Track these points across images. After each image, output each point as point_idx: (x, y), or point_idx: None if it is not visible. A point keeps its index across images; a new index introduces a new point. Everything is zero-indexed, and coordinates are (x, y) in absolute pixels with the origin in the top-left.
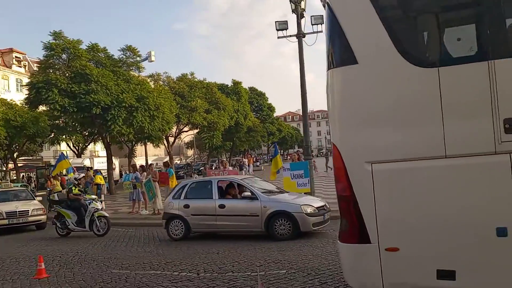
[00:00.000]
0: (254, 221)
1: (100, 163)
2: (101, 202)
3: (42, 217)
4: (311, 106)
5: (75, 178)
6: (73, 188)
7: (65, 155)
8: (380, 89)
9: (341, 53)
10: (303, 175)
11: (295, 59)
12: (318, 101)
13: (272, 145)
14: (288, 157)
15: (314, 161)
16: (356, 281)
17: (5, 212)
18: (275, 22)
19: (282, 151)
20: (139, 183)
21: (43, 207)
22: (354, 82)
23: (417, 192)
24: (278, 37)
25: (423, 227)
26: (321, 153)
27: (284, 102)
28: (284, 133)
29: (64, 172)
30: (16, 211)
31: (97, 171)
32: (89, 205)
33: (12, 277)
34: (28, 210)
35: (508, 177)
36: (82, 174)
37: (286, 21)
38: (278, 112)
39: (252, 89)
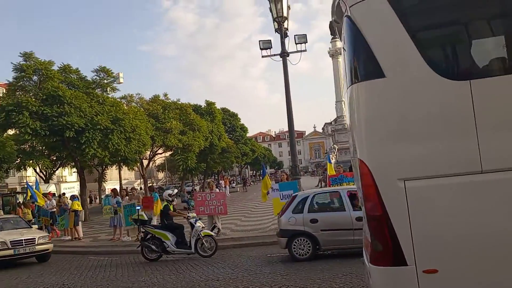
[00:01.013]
0: None
1: (67, 189)
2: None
3: (49, 245)
4: (281, 127)
5: (169, 195)
6: (169, 205)
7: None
8: (409, 102)
9: (366, 67)
10: (292, 195)
11: (261, 79)
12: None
13: (245, 165)
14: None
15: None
16: None
17: (10, 241)
18: (259, 41)
19: (254, 171)
20: (121, 208)
21: (48, 234)
22: (382, 96)
23: (454, 210)
24: (262, 56)
25: (462, 246)
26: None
27: (253, 123)
28: (257, 154)
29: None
30: (22, 240)
31: (74, 197)
32: (195, 223)
33: None
34: (35, 238)
35: None
36: (175, 190)
37: (270, 40)
38: (248, 133)
39: (224, 110)
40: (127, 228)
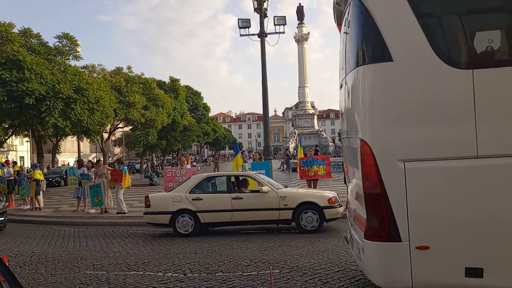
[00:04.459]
0: None
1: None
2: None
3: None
4: (242, 108)
5: None
6: None
7: None
8: (414, 87)
9: (374, 50)
10: (264, 174)
11: (224, 59)
12: (248, 104)
13: (205, 145)
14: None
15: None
16: (384, 279)
17: None
18: (238, 19)
19: (213, 151)
20: (86, 180)
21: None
22: (388, 79)
23: (449, 191)
24: (241, 35)
25: (453, 225)
26: (250, 156)
27: (213, 103)
28: (218, 134)
29: None
30: None
31: (35, 166)
32: None
33: None
34: None
35: None
36: None
37: (249, 19)
38: (210, 113)
39: (188, 88)
40: (90, 208)
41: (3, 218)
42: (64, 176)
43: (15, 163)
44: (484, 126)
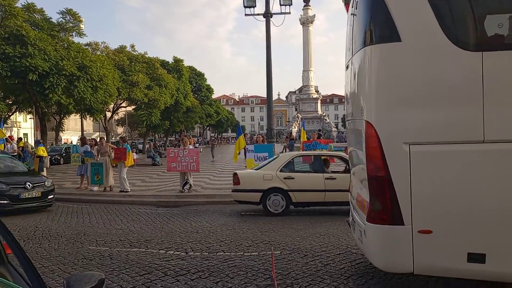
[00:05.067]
0: None
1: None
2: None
3: None
4: (245, 91)
5: None
6: None
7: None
8: (422, 68)
9: (383, 30)
10: (267, 157)
11: (228, 41)
12: (251, 87)
13: (208, 127)
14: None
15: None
16: (385, 262)
17: None
18: None
19: (216, 134)
20: (89, 157)
21: None
22: (396, 60)
23: (454, 176)
24: (246, 15)
25: (457, 210)
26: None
27: (217, 85)
28: (221, 116)
29: None
30: None
31: (39, 142)
32: None
33: None
34: None
35: None
36: None
37: None
38: (213, 94)
39: (191, 69)
40: (93, 186)
41: (52, 196)
42: (64, 154)
43: (20, 139)
44: (492, 110)
